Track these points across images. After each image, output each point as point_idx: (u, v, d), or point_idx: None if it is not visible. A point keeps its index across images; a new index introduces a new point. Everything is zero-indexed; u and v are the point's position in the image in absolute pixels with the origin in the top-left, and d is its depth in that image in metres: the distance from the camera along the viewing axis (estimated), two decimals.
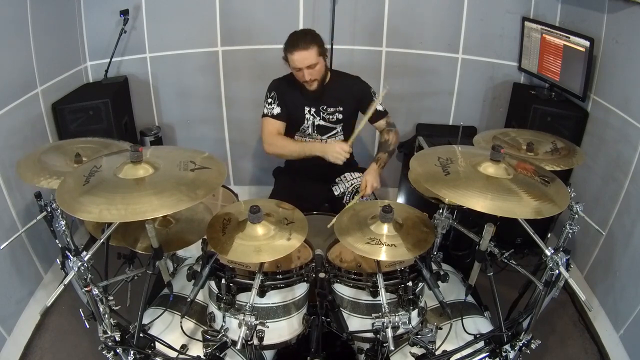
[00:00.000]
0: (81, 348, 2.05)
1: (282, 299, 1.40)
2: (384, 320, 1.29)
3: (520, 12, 2.76)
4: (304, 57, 1.94)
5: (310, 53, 1.94)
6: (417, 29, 2.87)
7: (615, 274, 2.17)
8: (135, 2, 2.73)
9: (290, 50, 1.95)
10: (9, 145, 2.10)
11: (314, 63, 1.96)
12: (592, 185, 2.42)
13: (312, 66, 1.97)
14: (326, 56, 2.07)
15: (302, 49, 1.92)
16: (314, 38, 1.97)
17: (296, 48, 1.93)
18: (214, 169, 1.38)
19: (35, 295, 2.25)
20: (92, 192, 1.24)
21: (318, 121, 2.16)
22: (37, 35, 2.27)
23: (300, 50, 1.93)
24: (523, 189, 1.30)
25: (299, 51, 1.93)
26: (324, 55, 2.03)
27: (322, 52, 2.00)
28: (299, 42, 1.93)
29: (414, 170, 1.47)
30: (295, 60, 1.95)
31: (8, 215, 2.10)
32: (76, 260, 1.27)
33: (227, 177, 3.38)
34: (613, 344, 2.09)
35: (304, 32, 1.99)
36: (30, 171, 1.54)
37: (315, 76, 2.01)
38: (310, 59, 1.95)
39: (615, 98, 2.26)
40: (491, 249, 1.45)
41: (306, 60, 1.94)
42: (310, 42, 1.94)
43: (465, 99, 3.05)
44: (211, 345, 1.38)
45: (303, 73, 1.98)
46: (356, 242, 1.35)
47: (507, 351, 1.48)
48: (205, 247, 1.44)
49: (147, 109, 3.07)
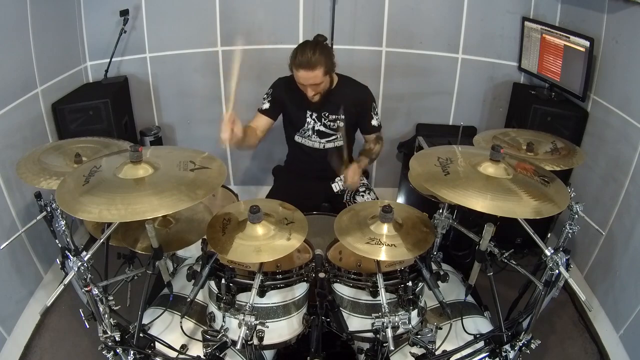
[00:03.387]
0: (81, 348, 2.05)
1: (282, 299, 1.40)
2: (384, 320, 1.29)
3: (520, 12, 2.76)
4: (309, 77, 1.89)
5: (315, 74, 1.89)
6: (417, 29, 2.87)
7: (615, 274, 2.17)
8: (135, 2, 2.73)
9: (295, 66, 1.90)
10: (9, 145, 2.10)
11: (318, 83, 1.93)
12: (592, 185, 2.42)
13: (316, 85, 1.94)
14: (333, 71, 2.02)
15: (307, 69, 1.87)
16: (321, 57, 1.88)
17: (301, 67, 1.88)
18: (214, 169, 1.38)
19: (35, 295, 2.25)
20: (92, 192, 1.24)
21: (318, 126, 2.15)
22: (37, 35, 2.27)
23: (306, 70, 1.88)
24: (523, 189, 1.30)
25: (305, 70, 1.88)
26: (331, 72, 1.98)
27: (328, 70, 1.94)
28: (305, 61, 1.86)
29: (414, 170, 1.47)
30: (299, 77, 1.92)
31: (8, 215, 2.10)
32: (76, 260, 1.27)
33: (227, 177, 3.37)
34: (613, 344, 2.09)
35: (313, 49, 1.88)
36: (30, 171, 1.54)
37: (318, 91, 1.98)
38: (315, 80, 1.91)
39: (615, 98, 2.26)
40: (491, 249, 1.45)
41: (310, 80, 1.91)
42: (316, 63, 1.87)
43: (465, 99, 3.05)
44: (211, 345, 1.38)
45: (306, 89, 1.96)
46: (356, 242, 1.34)
47: (507, 351, 1.48)
48: (205, 247, 1.44)
49: (147, 109, 3.07)
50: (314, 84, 1.93)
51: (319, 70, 1.88)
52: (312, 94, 1.97)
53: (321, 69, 1.89)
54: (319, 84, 1.93)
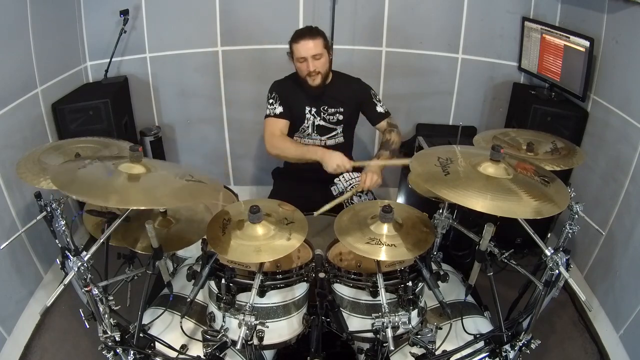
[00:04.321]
0: (81, 348, 2.05)
1: (282, 299, 1.40)
2: (384, 320, 1.29)
3: (520, 12, 2.76)
4: (310, 46, 1.97)
5: (316, 43, 1.98)
6: (417, 29, 2.87)
7: (615, 274, 2.16)
8: (135, 2, 2.73)
9: (296, 40, 1.99)
10: (9, 145, 2.10)
11: (319, 53, 1.99)
12: (592, 185, 2.41)
13: (317, 56, 1.98)
14: (330, 53, 2.09)
15: (308, 38, 1.97)
16: (320, 32, 2.02)
17: (302, 37, 1.98)
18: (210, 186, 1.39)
19: (35, 295, 2.25)
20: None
21: (318, 121, 2.16)
22: (37, 35, 2.27)
23: (307, 39, 1.97)
24: (523, 189, 1.30)
25: (305, 40, 1.97)
26: (329, 50, 2.06)
27: (327, 45, 2.04)
28: (306, 32, 1.99)
29: (414, 170, 1.47)
30: (300, 49, 1.98)
31: (8, 215, 2.10)
32: (76, 260, 1.27)
33: (227, 177, 3.38)
34: (613, 344, 2.09)
35: (310, 26, 2.04)
36: (30, 171, 1.54)
37: (319, 68, 2.01)
38: (316, 49, 1.98)
39: (615, 98, 2.26)
40: (491, 249, 1.45)
41: (311, 50, 1.97)
42: (316, 33, 1.99)
43: (465, 99, 3.05)
44: (211, 345, 1.38)
45: (307, 63, 1.99)
46: (356, 242, 1.34)
47: (507, 351, 1.48)
48: (205, 247, 1.44)
49: (147, 109, 3.07)
50: (316, 55, 1.98)
51: (318, 39, 1.99)
52: (314, 68, 2.00)
53: (321, 40, 2.00)
54: (320, 54, 1.99)
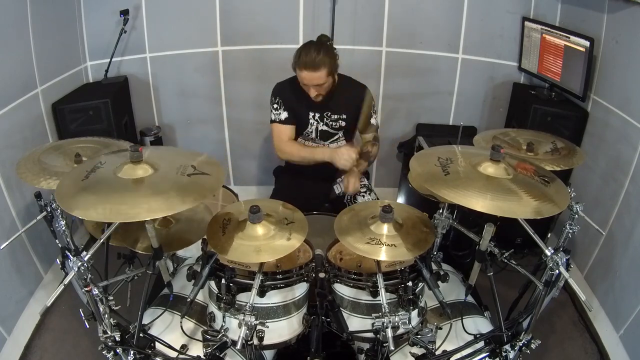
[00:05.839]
0: (81, 348, 2.05)
1: (282, 299, 1.40)
2: (384, 320, 1.29)
3: (520, 12, 2.76)
4: (313, 77, 1.92)
5: (319, 74, 1.91)
6: (417, 29, 2.87)
7: (615, 274, 2.17)
8: (135, 2, 2.73)
9: (299, 66, 1.92)
10: (9, 145, 2.10)
11: (322, 83, 1.95)
12: (592, 185, 2.42)
13: (320, 85, 1.96)
14: (337, 72, 2.03)
15: (311, 69, 1.90)
16: (326, 57, 1.90)
17: (305, 67, 1.90)
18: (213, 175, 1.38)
19: (35, 295, 2.25)
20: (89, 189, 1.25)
21: (321, 127, 2.16)
22: (37, 35, 2.27)
23: (310, 71, 1.90)
24: (523, 189, 1.30)
25: (308, 71, 1.90)
26: (334, 72, 2.00)
27: (332, 71, 1.96)
28: (309, 61, 1.88)
29: (414, 170, 1.47)
30: (303, 77, 1.94)
31: (8, 215, 2.10)
32: (76, 260, 1.27)
33: (228, 177, 3.38)
34: (613, 344, 2.09)
35: (318, 50, 1.90)
36: (30, 171, 1.53)
37: (321, 92, 2.00)
38: (319, 80, 1.93)
39: (615, 98, 2.26)
40: (491, 249, 1.45)
41: (314, 81, 1.93)
42: (320, 63, 1.89)
43: (465, 99, 3.05)
44: (211, 345, 1.38)
45: (309, 89, 1.98)
46: (356, 242, 1.34)
47: (507, 351, 1.48)
48: (205, 247, 1.44)
49: (147, 109, 3.07)
50: (318, 85, 1.95)
51: (323, 70, 1.90)
52: (315, 94, 1.99)
53: (325, 70, 1.91)
54: (322, 84, 1.95)
